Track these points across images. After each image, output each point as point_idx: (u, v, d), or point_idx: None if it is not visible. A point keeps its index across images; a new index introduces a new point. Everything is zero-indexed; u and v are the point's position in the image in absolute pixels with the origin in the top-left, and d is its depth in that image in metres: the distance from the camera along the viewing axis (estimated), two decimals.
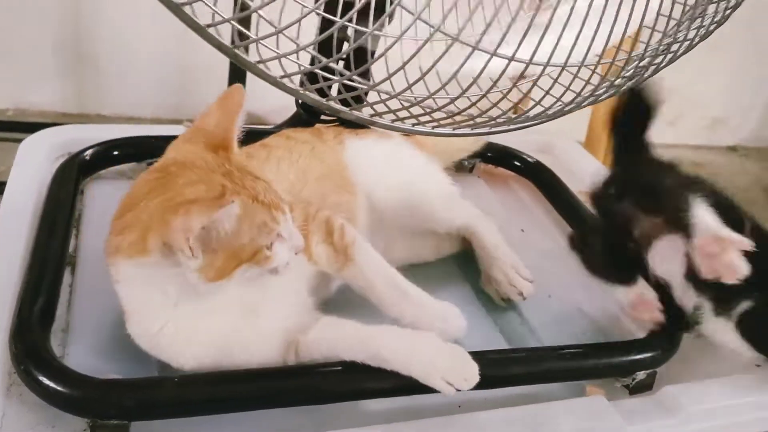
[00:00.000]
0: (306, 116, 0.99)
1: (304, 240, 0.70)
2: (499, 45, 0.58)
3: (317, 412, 0.67)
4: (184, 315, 0.62)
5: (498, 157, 1.15)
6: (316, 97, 0.58)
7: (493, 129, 0.76)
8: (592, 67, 0.64)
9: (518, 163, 1.14)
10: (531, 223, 1.06)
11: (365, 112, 0.72)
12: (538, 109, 0.70)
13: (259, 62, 0.53)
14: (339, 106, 0.61)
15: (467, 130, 0.70)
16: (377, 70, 0.71)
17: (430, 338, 0.66)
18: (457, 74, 0.63)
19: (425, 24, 0.54)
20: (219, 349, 0.64)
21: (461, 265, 0.95)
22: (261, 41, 0.54)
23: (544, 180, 1.11)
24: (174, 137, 1.01)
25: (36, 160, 0.95)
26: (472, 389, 0.66)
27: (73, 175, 0.90)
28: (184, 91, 1.98)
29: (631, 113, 0.89)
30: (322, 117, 1.02)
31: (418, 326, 0.68)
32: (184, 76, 1.96)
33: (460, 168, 1.14)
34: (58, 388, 0.59)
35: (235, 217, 0.57)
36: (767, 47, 2.39)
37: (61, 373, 0.60)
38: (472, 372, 0.64)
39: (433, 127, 0.77)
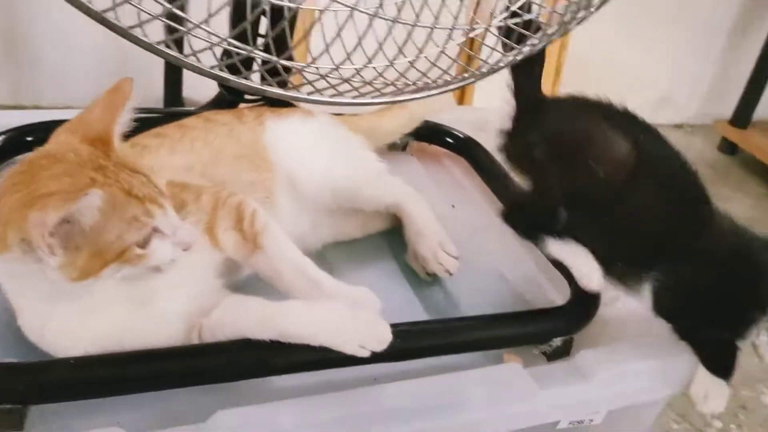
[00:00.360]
0: (229, 97, 0.98)
1: (209, 227, 0.68)
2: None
3: (225, 391, 0.65)
4: (66, 310, 0.60)
5: (430, 134, 1.15)
6: (199, 64, 0.56)
7: (434, 91, 0.76)
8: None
9: (450, 140, 1.14)
10: (462, 199, 1.06)
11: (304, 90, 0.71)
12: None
13: (132, 27, 0.50)
14: (228, 75, 0.59)
15: (389, 98, 0.69)
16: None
17: (337, 307, 0.65)
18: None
19: None
20: (109, 343, 0.62)
21: (389, 240, 0.94)
22: (159, 17, 0.51)
23: (475, 156, 1.11)
24: None
25: None
26: (389, 361, 0.67)
27: None
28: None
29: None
30: (246, 97, 1.00)
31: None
32: (123, 66, 1.90)
33: (393, 147, 1.13)
34: None
35: (97, 210, 0.54)
36: (712, 26, 2.42)
37: None
38: (383, 333, 0.64)
39: (354, 97, 0.76)
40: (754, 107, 2.32)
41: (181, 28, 0.61)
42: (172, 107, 1.66)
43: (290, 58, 0.73)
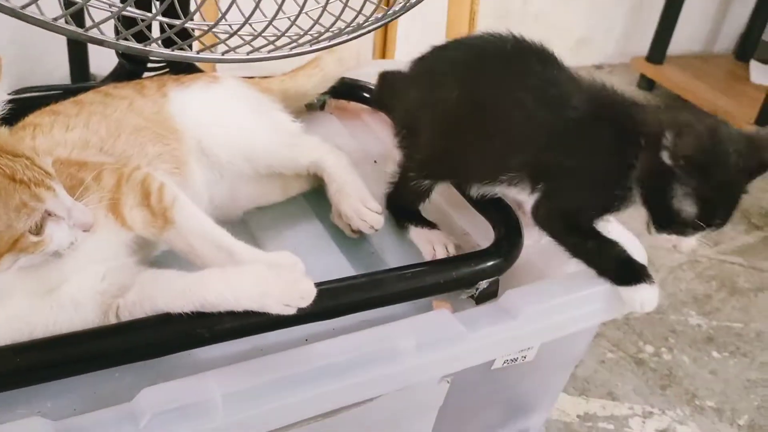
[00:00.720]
0: (129, 66, 0.94)
1: (114, 205, 0.65)
2: None
3: (150, 369, 0.64)
4: None
5: (348, 91, 1.13)
6: (70, 27, 0.53)
7: (332, 42, 0.74)
8: None
9: (368, 95, 1.13)
10: (384, 154, 1.05)
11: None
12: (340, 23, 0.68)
13: (56, 19, 0.46)
14: (103, 36, 0.55)
15: (307, 48, 0.66)
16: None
17: (255, 269, 0.63)
18: None
19: None
20: (18, 335, 0.59)
21: (312, 202, 0.93)
22: None
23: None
24: None
25: None
26: (318, 319, 0.68)
27: None
28: (28, 59, 1.83)
29: None
30: (150, 66, 0.96)
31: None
32: (25, 43, 1.81)
33: (311, 106, 1.11)
34: None
35: None
36: None
37: None
38: (307, 288, 0.62)
39: (270, 51, 0.73)
40: (668, 43, 2.39)
41: (78, 0, 0.57)
42: (77, 83, 1.58)
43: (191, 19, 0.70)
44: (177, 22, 0.69)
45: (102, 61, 1.69)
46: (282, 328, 0.67)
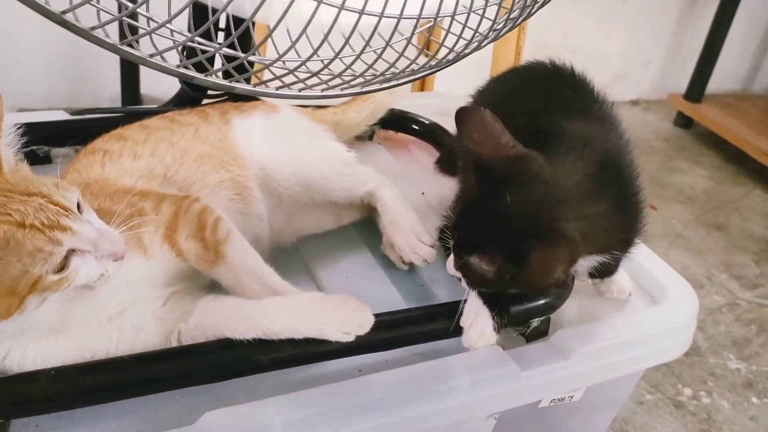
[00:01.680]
0: (191, 92, 0.96)
1: (170, 234, 0.66)
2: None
3: (208, 392, 0.65)
4: (21, 342, 0.59)
5: (396, 122, 1.15)
6: (163, 63, 0.55)
7: (401, 80, 0.76)
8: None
9: (416, 127, 1.14)
10: (431, 185, 1.06)
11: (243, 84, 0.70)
12: (444, 53, 0.70)
13: (93, 28, 0.49)
14: (193, 72, 0.58)
15: (337, 91, 0.68)
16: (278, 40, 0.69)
17: (313, 297, 0.66)
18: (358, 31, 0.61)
19: None
20: (80, 359, 0.61)
21: (361, 231, 0.94)
22: (101, 5, 0.50)
23: (443, 142, 1.12)
24: (49, 123, 0.97)
25: None
26: (373, 351, 0.69)
27: None
28: (77, 79, 1.88)
29: None
30: (209, 93, 0.99)
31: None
32: (77, 63, 1.86)
33: (360, 136, 1.13)
34: None
35: None
36: (661, 2, 2.47)
37: None
38: (365, 317, 0.65)
39: (300, 90, 0.75)
40: (707, 81, 2.39)
41: (144, 27, 0.59)
42: (130, 106, 1.63)
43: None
44: (240, 54, 0.71)
45: (151, 83, 1.75)
46: (338, 358, 0.68)
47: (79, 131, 0.97)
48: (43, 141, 0.93)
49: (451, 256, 0.69)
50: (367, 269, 0.87)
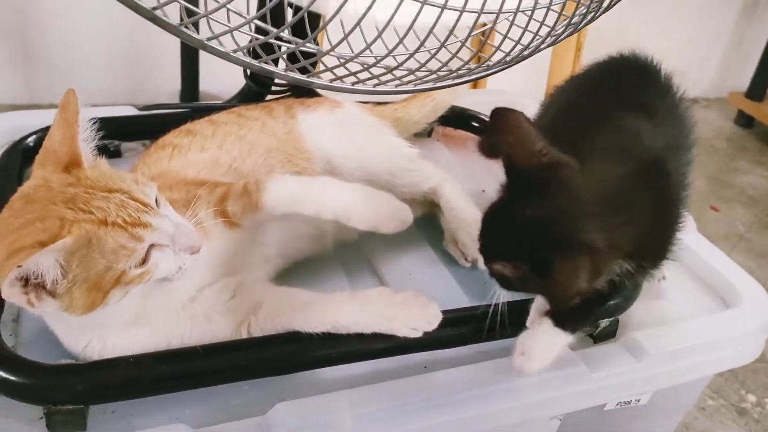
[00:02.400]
0: (255, 88, 0.98)
1: (222, 210, 0.67)
2: None
3: (277, 384, 0.66)
4: (102, 332, 0.61)
5: (455, 118, 1.14)
6: (247, 59, 0.56)
7: (456, 81, 0.75)
8: (546, 7, 0.62)
9: (476, 124, 1.13)
10: (492, 183, 1.05)
11: (326, 77, 0.70)
12: (499, 55, 0.69)
13: (182, 24, 0.50)
14: (273, 68, 0.58)
15: (410, 87, 0.68)
16: (336, 33, 0.69)
17: (382, 292, 0.66)
18: (413, 29, 0.61)
19: None
20: (156, 347, 0.62)
21: (421, 227, 0.94)
22: (187, 3, 0.51)
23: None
24: (120, 119, 1.00)
25: None
26: (440, 348, 0.69)
27: (17, 163, 0.87)
28: (138, 76, 1.93)
29: None
30: (273, 89, 1.00)
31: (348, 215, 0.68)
32: (137, 60, 1.91)
33: (418, 133, 1.13)
34: (9, 377, 0.58)
35: (69, 254, 0.52)
36: None
37: (10, 362, 0.59)
38: (433, 313, 0.66)
39: (396, 86, 0.75)
40: None
41: (226, 24, 0.60)
42: (191, 102, 1.66)
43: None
44: (320, 49, 0.71)
45: (210, 81, 1.78)
46: (405, 354, 0.68)
47: (146, 126, 0.99)
48: (114, 136, 0.95)
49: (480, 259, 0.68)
50: (429, 265, 0.87)
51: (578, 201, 0.62)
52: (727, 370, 1.28)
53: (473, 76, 0.72)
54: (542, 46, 0.74)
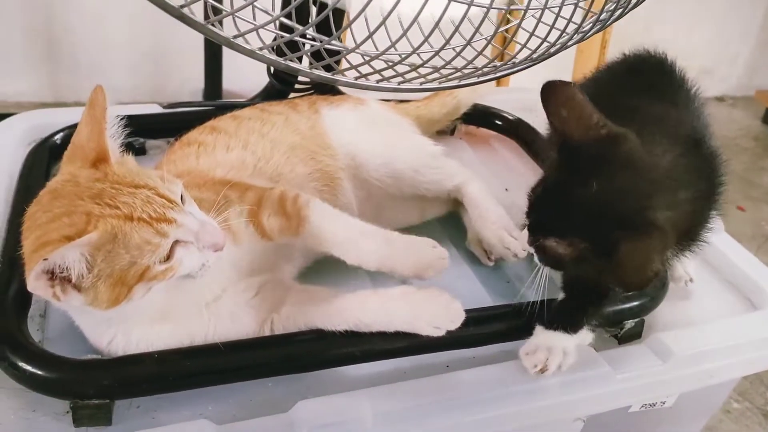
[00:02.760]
0: (279, 86, 0.98)
1: (255, 218, 0.67)
2: None
3: (300, 381, 0.66)
4: (126, 328, 0.61)
5: (479, 117, 1.13)
6: (272, 56, 0.56)
7: (481, 78, 0.74)
8: (574, 4, 0.61)
9: (499, 122, 1.13)
10: (515, 182, 1.04)
11: (350, 75, 0.70)
12: (525, 53, 0.68)
13: (208, 22, 0.50)
14: (299, 65, 0.58)
15: (435, 84, 0.67)
16: (360, 30, 0.68)
17: (405, 290, 0.65)
18: (438, 27, 0.60)
19: None
20: (179, 344, 0.62)
21: (444, 225, 0.94)
22: (213, 2, 0.51)
23: (526, 137, 1.09)
24: (146, 116, 1.01)
25: (7, 146, 0.93)
26: (463, 347, 0.69)
27: (45, 160, 0.89)
28: (161, 74, 1.94)
29: None
30: (296, 87, 1.00)
31: (392, 266, 0.67)
32: (160, 58, 1.92)
33: (441, 131, 1.12)
34: (36, 371, 0.58)
35: (95, 249, 0.53)
36: None
37: (38, 356, 0.59)
38: (456, 312, 0.65)
39: (421, 83, 0.74)
40: None
41: (251, 21, 0.60)
42: (215, 100, 1.67)
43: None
44: (325, 38, 0.70)
45: (233, 79, 1.79)
46: (428, 353, 0.68)
47: (171, 124, 1.00)
48: (139, 133, 0.96)
49: (526, 231, 0.66)
50: (452, 264, 0.85)
51: (646, 177, 0.60)
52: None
53: (499, 74, 0.72)
54: (569, 44, 0.73)
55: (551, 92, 0.63)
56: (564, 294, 0.71)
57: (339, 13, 0.81)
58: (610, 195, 0.59)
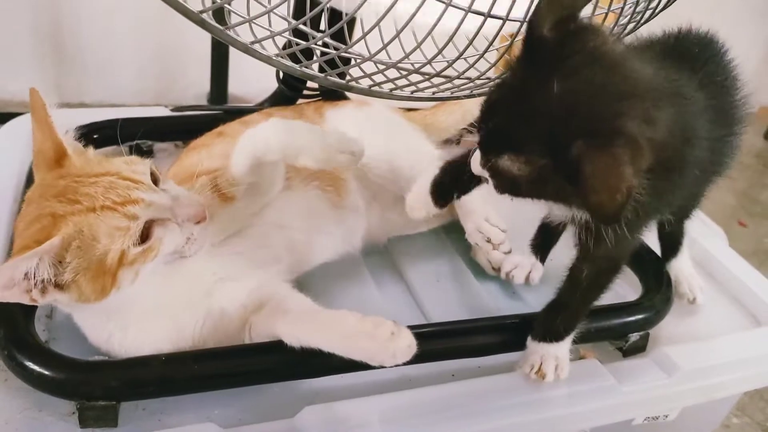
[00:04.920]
0: (287, 92, 0.98)
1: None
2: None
3: (306, 387, 0.66)
4: (123, 322, 0.61)
5: None
6: (288, 62, 0.56)
7: (474, 92, 0.75)
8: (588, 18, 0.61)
9: None
10: None
11: (363, 83, 0.70)
12: None
13: (227, 28, 0.51)
14: (314, 72, 0.58)
15: (447, 94, 0.68)
16: (372, 37, 0.68)
17: (348, 320, 0.60)
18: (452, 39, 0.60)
19: None
20: (175, 340, 0.62)
21: (449, 234, 0.94)
22: (231, 7, 0.52)
23: None
24: (154, 119, 1.01)
25: (15, 147, 0.93)
26: (470, 356, 0.68)
27: None
28: (166, 76, 1.94)
29: None
30: (304, 93, 1.00)
31: None
32: (166, 61, 1.92)
33: (447, 141, 1.12)
34: (43, 372, 0.58)
35: (62, 249, 0.53)
36: (755, 11, 2.37)
37: (45, 357, 0.59)
38: (399, 347, 0.57)
39: (433, 93, 0.74)
40: None
41: (268, 29, 0.60)
42: (221, 104, 1.67)
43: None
44: (342, 46, 0.71)
45: (239, 83, 1.79)
46: (433, 361, 0.68)
47: (179, 127, 1.00)
48: (147, 135, 0.96)
49: (477, 153, 0.55)
50: (457, 273, 0.87)
51: (619, 78, 0.50)
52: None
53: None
54: None
55: None
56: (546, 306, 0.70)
57: (350, 20, 0.81)
58: (572, 98, 0.49)
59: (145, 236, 0.56)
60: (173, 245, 0.57)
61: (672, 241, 0.83)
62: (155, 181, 0.59)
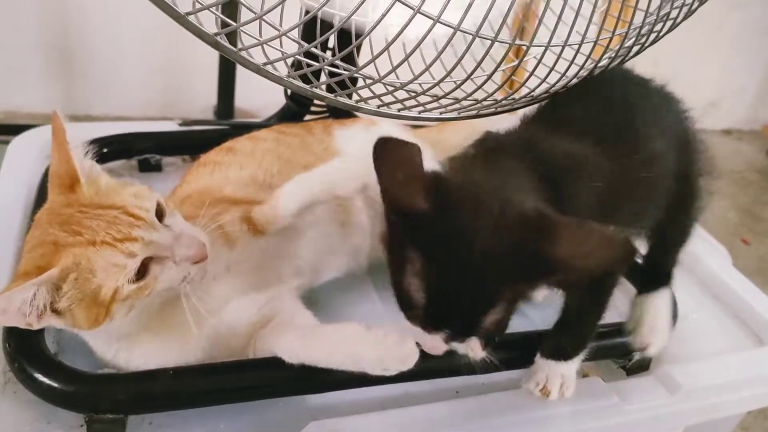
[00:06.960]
0: (295, 108, 0.99)
1: (246, 215, 0.67)
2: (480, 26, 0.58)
3: (311, 402, 0.67)
4: (128, 343, 0.62)
5: None
6: (299, 83, 0.57)
7: (500, 110, 0.76)
8: (576, 46, 0.63)
9: None
10: None
11: (372, 103, 0.71)
12: (525, 90, 0.69)
13: (240, 49, 0.52)
14: (325, 93, 0.59)
15: (454, 114, 0.69)
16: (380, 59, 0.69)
17: (354, 331, 0.61)
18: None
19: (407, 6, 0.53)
20: (181, 357, 0.63)
21: None
22: (243, 28, 0.53)
23: None
24: (162, 133, 1.02)
25: (25, 161, 0.95)
26: (472, 373, 0.65)
27: None
28: (174, 89, 1.96)
29: None
30: (312, 109, 1.02)
31: None
32: (173, 74, 1.94)
33: None
34: (52, 384, 0.59)
35: (54, 281, 0.54)
36: (759, 29, 2.38)
37: (55, 369, 0.60)
38: (405, 353, 0.58)
39: (441, 113, 0.75)
40: None
41: (280, 50, 0.61)
42: (228, 118, 1.69)
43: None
44: (353, 68, 0.71)
45: (245, 98, 1.81)
46: (439, 378, 0.69)
47: (187, 141, 1.01)
48: (155, 150, 0.98)
49: (432, 337, 0.56)
50: None
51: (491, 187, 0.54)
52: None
53: (516, 106, 0.73)
54: (569, 84, 0.75)
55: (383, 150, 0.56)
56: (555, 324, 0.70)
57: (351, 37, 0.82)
58: (497, 235, 0.51)
59: (142, 272, 0.56)
60: (168, 283, 0.58)
61: (655, 273, 0.79)
62: (161, 214, 0.60)
